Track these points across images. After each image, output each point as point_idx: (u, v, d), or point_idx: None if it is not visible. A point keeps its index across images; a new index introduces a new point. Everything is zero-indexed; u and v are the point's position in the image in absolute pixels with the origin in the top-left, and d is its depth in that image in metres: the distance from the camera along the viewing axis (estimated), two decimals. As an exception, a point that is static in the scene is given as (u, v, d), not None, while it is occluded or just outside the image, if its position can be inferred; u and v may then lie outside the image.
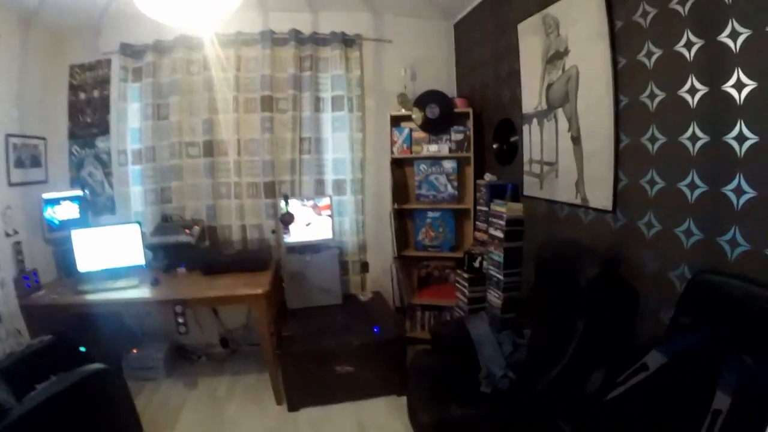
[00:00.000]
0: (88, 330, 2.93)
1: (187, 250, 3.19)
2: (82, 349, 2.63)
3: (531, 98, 2.56)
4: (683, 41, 1.53)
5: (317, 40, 3.45)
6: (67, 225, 3.12)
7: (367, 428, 2.58)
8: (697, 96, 1.50)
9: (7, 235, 2.72)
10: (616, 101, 1.89)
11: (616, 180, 1.93)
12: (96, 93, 3.42)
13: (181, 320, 2.73)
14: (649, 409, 1.37)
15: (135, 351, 3.27)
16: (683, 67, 1.54)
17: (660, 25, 1.65)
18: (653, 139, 1.72)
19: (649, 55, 1.70)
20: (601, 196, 2.03)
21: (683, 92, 1.56)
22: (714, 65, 1.43)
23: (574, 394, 1.72)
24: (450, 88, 3.65)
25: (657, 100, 1.68)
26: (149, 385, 3.09)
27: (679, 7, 1.54)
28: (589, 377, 1.69)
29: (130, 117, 3.38)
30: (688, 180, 1.57)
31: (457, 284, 3.14)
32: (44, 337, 2.49)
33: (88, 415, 2.02)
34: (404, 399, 2.39)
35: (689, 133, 1.55)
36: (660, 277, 1.72)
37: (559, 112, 2.29)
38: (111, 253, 3.05)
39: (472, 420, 1.91)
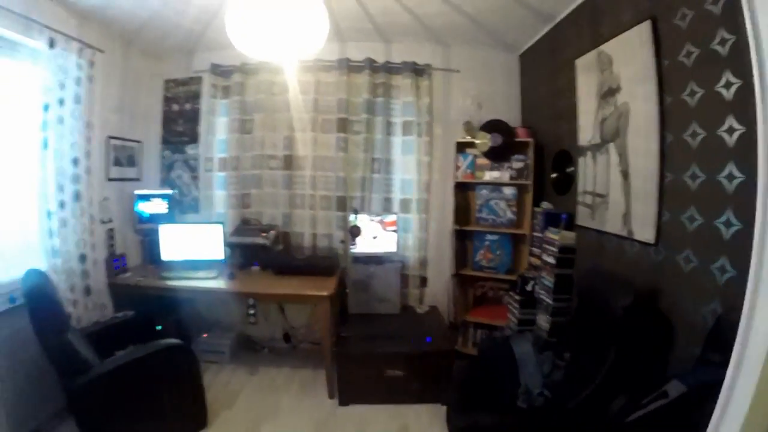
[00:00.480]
0: (165, 312, 3.27)
1: (262, 251, 3.54)
2: (159, 327, 2.99)
3: (586, 132, 2.62)
4: (723, 81, 1.59)
5: (390, 68, 3.70)
6: (155, 218, 3.57)
7: (410, 430, 2.74)
8: (735, 135, 1.55)
9: (103, 222, 3.20)
10: (662, 138, 1.94)
11: (660, 215, 1.97)
12: (188, 105, 3.92)
13: (252, 311, 3.10)
14: (663, 432, 1.43)
15: (205, 335, 3.66)
16: (722, 107, 1.59)
17: (702, 64, 1.70)
18: (694, 177, 1.76)
19: (692, 94, 1.75)
20: (645, 230, 2.06)
21: (722, 131, 1.60)
22: (751, 105, 1.48)
23: (599, 415, 1.78)
24: (514, 117, 3.72)
25: (699, 138, 1.73)
26: (213, 367, 3.41)
27: (719, 47, 1.60)
28: (613, 399, 1.75)
29: (217, 129, 3.83)
30: (724, 218, 1.60)
31: (509, 305, 3.21)
32: (127, 312, 2.87)
33: (159, 383, 2.26)
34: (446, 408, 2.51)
35: (726, 171, 1.59)
36: (694, 311, 1.74)
37: (611, 146, 2.34)
38: (192, 246, 3.45)
39: (502, 429, 2.03)
